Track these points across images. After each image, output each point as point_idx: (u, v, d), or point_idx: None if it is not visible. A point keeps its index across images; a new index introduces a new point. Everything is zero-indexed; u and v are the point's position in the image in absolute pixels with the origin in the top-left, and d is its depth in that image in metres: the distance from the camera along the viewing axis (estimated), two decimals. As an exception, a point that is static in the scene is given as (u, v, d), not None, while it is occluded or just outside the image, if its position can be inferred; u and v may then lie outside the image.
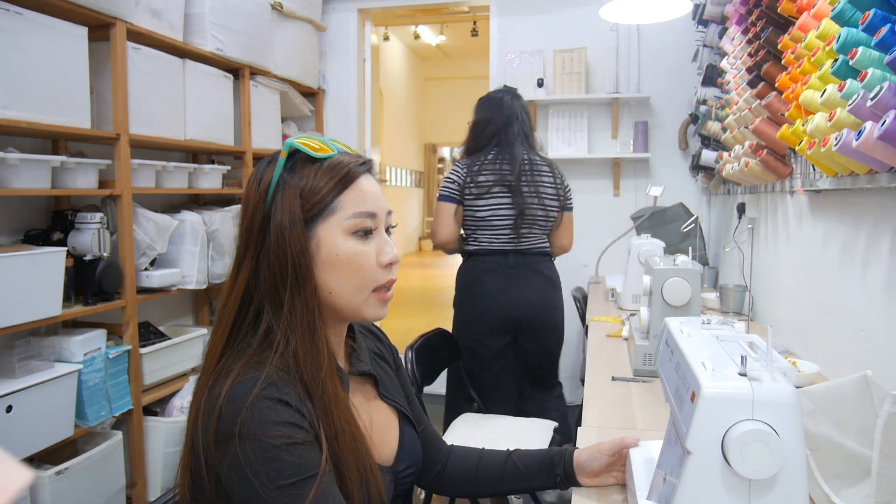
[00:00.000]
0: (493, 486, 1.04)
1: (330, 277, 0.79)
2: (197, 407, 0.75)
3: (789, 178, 1.85)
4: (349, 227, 0.79)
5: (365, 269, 0.80)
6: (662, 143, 3.50)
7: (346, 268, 0.79)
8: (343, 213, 0.79)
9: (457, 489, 1.07)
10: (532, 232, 2.29)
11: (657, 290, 1.51)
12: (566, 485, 1.00)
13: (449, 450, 1.08)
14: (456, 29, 7.98)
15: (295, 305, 0.77)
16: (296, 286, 0.77)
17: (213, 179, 2.67)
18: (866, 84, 1.05)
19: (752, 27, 1.90)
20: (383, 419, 0.92)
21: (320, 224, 0.79)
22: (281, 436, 0.70)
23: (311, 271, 0.78)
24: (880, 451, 0.77)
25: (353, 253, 0.79)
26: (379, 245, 0.82)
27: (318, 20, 3.55)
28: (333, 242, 0.79)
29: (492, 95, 2.39)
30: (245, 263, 0.79)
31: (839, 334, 1.49)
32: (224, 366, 0.76)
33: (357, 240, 0.80)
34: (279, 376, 0.74)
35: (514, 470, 1.03)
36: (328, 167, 0.80)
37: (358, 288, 0.81)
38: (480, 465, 1.05)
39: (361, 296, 0.81)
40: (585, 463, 0.99)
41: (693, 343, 0.83)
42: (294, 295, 0.77)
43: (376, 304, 0.83)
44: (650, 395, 1.45)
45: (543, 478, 1.01)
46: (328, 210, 0.79)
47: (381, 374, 0.96)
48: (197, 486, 0.75)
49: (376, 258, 0.81)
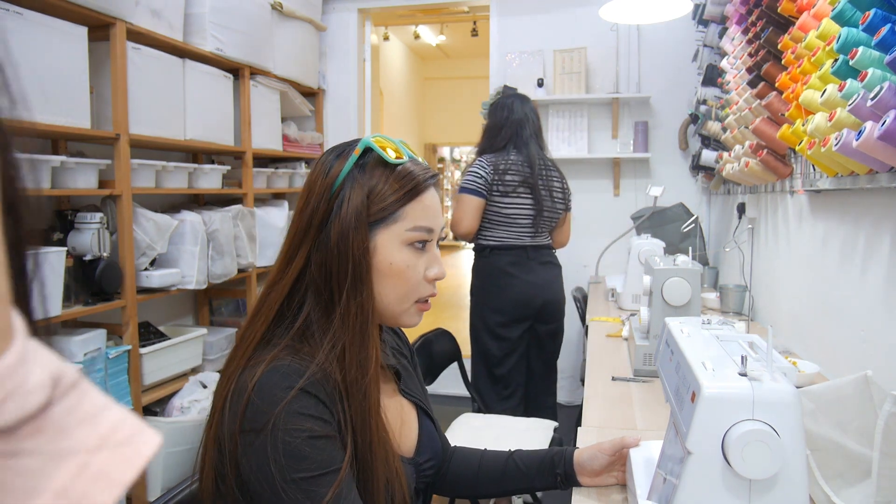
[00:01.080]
0: (494, 487, 1.04)
1: (379, 283, 0.80)
2: (225, 393, 0.74)
3: (789, 178, 1.85)
4: (408, 238, 0.80)
5: (413, 282, 0.82)
6: (662, 143, 3.50)
7: (397, 277, 0.80)
8: (405, 224, 0.80)
9: (458, 489, 1.07)
10: (544, 229, 2.45)
11: (657, 290, 1.51)
12: (567, 485, 1.00)
13: (452, 450, 1.09)
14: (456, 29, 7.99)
15: (350, 306, 0.77)
16: (353, 287, 0.77)
17: (212, 179, 2.67)
18: (866, 84, 1.05)
19: (752, 27, 1.90)
20: (404, 413, 0.93)
21: (381, 230, 0.80)
22: (304, 428, 0.70)
23: (370, 274, 0.79)
24: (880, 451, 0.77)
25: (406, 265, 0.81)
26: (429, 260, 0.84)
27: (318, 20, 3.55)
28: (390, 251, 0.80)
29: (504, 101, 2.50)
30: (300, 252, 0.79)
31: (839, 334, 1.49)
32: (258, 354, 0.76)
33: (412, 252, 0.81)
34: (317, 374, 0.74)
35: (514, 470, 1.03)
36: (399, 174, 0.80)
37: (402, 297, 0.82)
38: (482, 466, 1.05)
39: (404, 305, 0.83)
40: (586, 462, 0.99)
41: (693, 343, 0.83)
42: (350, 296, 0.77)
43: (415, 313, 0.85)
44: (650, 395, 1.45)
45: (544, 478, 1.01)
46: (392, 218, 0.80)
47: (401, 370, 0.97)
48: (218, 475, 0.75)
49: (424, 271, 0.83)
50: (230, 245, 2.61)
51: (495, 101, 2.54)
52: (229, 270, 2.59)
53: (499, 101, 2.52)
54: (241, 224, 2.70)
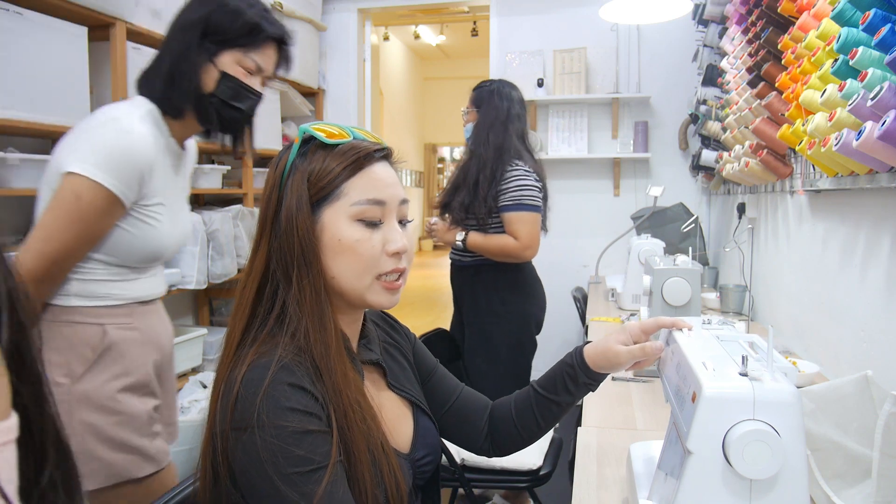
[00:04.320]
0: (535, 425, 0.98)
1: (333, 262, 0.80)
2: (217, 394, 0.75)
3: (789, 178, 1.85)
4: (354, 213, 0.80)
5: (366, 256, 0.80)
6: (662, 143, 3.50)
7: (348, 254, 0.80)
8: (349, 199, 0.80)
9: (508, 444, 1.01)
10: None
11: (657, 290, 1.51)
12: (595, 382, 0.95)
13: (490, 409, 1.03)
14: (456, 29, 7.98)
15: (304, 286, 0.78)
16: (303, 267, 0.78)
17: (212, 179, 2.67)
18: (866, 84, 1.05)
19: (752, 27, 1.90)
20: (395, 409, 0.92)
21: (326, 208, 0.80)
22: (293, 423, 0.70)
23: (317, 254, 0.79)
24: (880, 451, 0.77)
25: (356, 239, 0.80)
26: (386, 234, 0.82)
27: (318, 20, 3.55)
28: (337, 227, 0.79)
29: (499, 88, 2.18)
30: (262, 246, 0.81)
31: (839, 334, 1.49)
32: (242, 350, 0.77)
33: (362, 226, 0.80)
34: (292, 358, 0.75)
35: (542, 400, 0.97)
36: (339, 152, 0.81)
37: (359, 274, 0.81)
38: (516, 411, 1.00)
39: (363, 282, 0.81)
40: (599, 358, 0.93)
41: (693, 343, 0.83)
42: (302, 276, 0.78)
43: (381, 291, 0.82)
44: (650, 395, 1.45)
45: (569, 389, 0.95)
46: (334, 195, 0.80)
47: (390, 365, 0.95)
48: (215, 473, 0.75)
49: (382, 247, 0.81)
50: (230, 245, 2.60)
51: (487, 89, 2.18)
52: (229, 270, 2.59)
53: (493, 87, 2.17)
54: (241, 224, 2.70)
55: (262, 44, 1.25)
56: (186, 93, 1.21)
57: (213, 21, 1.21)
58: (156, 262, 1.30)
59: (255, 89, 1.28)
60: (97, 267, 1.19)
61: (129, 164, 1.15)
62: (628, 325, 0.94)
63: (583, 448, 1.15)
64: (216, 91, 1.23)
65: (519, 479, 1.77)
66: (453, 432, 1.03)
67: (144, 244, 1.23)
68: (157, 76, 1.24)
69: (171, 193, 1.29)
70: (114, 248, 1.19)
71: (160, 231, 1.24)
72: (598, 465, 1.10)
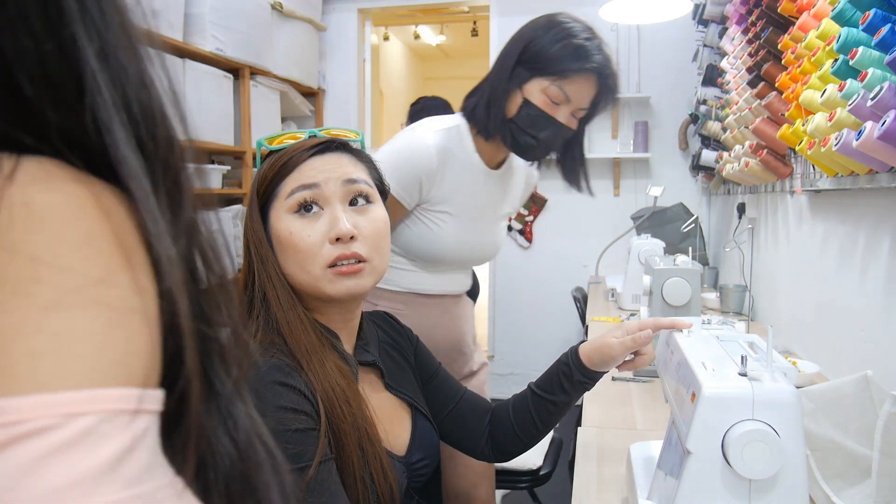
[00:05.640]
0: (533, 426, 0.98)
1: (283, 260, 0.82)
2: None
3: (789, 178, 1.85)
4: (289, 206, 0.81)
5: (303, 246, 0.79)
6: (662, 143, 3.50)
7: (289, 248, 0.80)
8: (284, 194, 0.81)
9: (508, 447, 1.00)
10: None
11: (657, 290, 1.51)
12: (590, 382, 0.94)
13: (491, 412, 1.03)
14: (456, 29, 7.98)
15: (268, 289, 0.80)
16: (262, 271, 0.81)
17: (212, 179, 2.67)
18: (866, 84, 1.05)
19: (752, 27, 1.90)
20: (392, 411, 0.91)
21: (271, 210, 0.82)
22: (281, 421, 0.71)
23: (271, 256, 0.82)
24: (880, 451, 0.77)
25: (289, 232, 0.80)
26: (327, 222, 0.80)
27: (318, 20, 3.55)
28: (278, 224, 0.81)
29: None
30: (244, 259, 0.84)
31: (839, 334, 1.49)
32: None
33: (298, 218, 0.80)
34: (280, 358, 0.76)
35: (539, 401, 0.97)
36: (279, 155, 0.83)
37: (303, 267, 0.80)
38: (514, 413, 0.99)
39: (314, 272, 0.80)
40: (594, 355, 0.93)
41: (693, 343, 0.83)
42: (265, 279, 0.81)
43: (333, 279, 0.80)
44: (650, 395, 1.45)
45: (565, 389, 0.95)
46: (274, 194, 0.82)
47: (388, 366, 0.94)
48: None
49: (326, 234, 0.80)
50: (230, 245, 2.61)
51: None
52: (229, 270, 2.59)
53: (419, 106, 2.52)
54: (240, 224, 2.71)
55: (573, 74, 1.21)
56: (494, 116, 1.25)
57: (529, 47, 1.22)
58: (437, 263, 1.35)
59: (558, 120, 1.23)
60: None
61: (408, 170, 1.24)
62: (625, 324, 0.94)
63: (583, 448, 1.15)
64: (515, 117, 1.24)
65: (519, 479, 1.77)
66: (454, 436, 1.02)
67: (420, 244, 1.31)
68: (478, 95, 1.29)
69: (468, 207, 1.33)
70: (396, 239, 1.32)
71: (438, 236, 1.30)
72: (597, 465, 1.10)
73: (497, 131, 1.26)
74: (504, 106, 1.24)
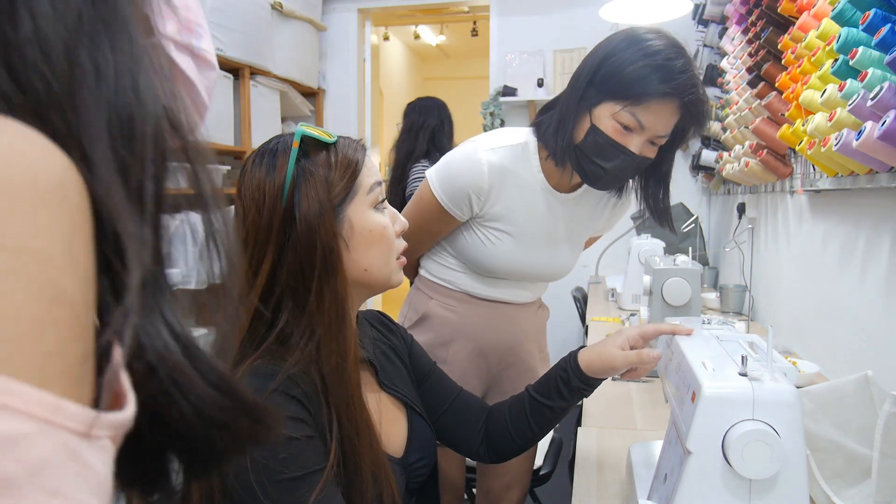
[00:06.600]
0: (529, 430, 0.97)
1: (365, 255, 0.81)
2: None
3: (789, 178, 1.85)
4: (372, 200, 0.82)
5: (391, 239, 0.84)
6: (662, 143, 3.49)
7: (379, 241, 0.82)
8: (364, 189, 0.81)
9: (504, 449, 1.00)
10: None
11: (657, 290, 1.51)
12: (589, 388, 0.94)
13: (488, 414, 1.02)
14: (456, 29, 7.98)
15: (324, 294, 0.76)
16: (325, 274, 0.76)
17: (212, 179, 2.67)
18: (866, 84, 1.05)
19: (752, 27, 1.90)
20: (388, 410, 0.90)
21: (349, 206, 0.80)
22: (286, 431, 0.70)
23: (341, 257, 0.78)
24: (880, 451, 0.77)
25: (383, 225, 0.83)
26: (391, 215, 0.86)
27: (318, 20, 3.55)
28: (365, 219, 0.81)
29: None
30: (266, 258, 0.77)
31: (839, 334, 1.49)
32: (238, 361, 0.76)
33: (379, 212, 0.83)
34: (296, 371, 0.74)
35: (536, 405, 0.96)
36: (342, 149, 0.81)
37: (387, 259, 0.84)
38: (510, 415, 0.99)
39: (391, 265, 0.85)
40: (594, 363, 0.93)
41: (693, 343, 0.83)
42: (323, 283, 0.76)
43: (398, 270, 0.87)
44: (650, 395, 1.45)
45: (562, 395, 0.95)
46: (353, 190, 0.80)
47: (383, 364, 0.94)
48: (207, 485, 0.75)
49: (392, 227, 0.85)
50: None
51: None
52: (229, 270, 2.59)
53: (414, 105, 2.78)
54: (241, 224, 2.70)
55: (647, 99, 1.06)
56: (562, 141, 1.16)
57: (602, 69, 1.10)
58: (491, 274, 1.34)
59: (629, 149, 1.10)
60: (448, 256, 1.36)
61: (457, 184, 1.23)
62: (626, 330, 0.93)
63: (582, 448, 1.15)
64: (581, 143, 1.14)
65: (519, 479, 1.77)
66: (449, 436, 1.01)
67: (474, 255, 1.30)
68: (550, 113, 1.22)
69: (528, 227, 1.27)
70: (453, 244, 1.34)
71: (491, 252, 1.28)
72: (597, 465, 1.10)
73: (565, 157, 1.17)
74: (572, 130, 1.14)
